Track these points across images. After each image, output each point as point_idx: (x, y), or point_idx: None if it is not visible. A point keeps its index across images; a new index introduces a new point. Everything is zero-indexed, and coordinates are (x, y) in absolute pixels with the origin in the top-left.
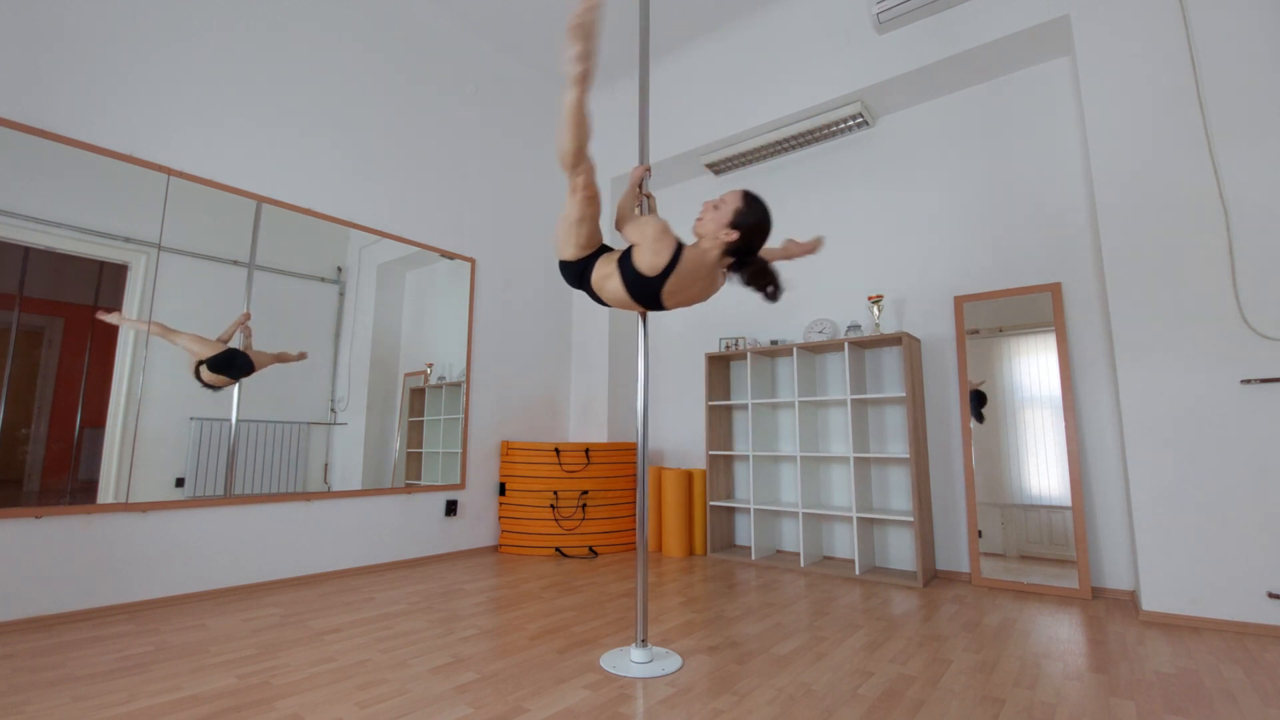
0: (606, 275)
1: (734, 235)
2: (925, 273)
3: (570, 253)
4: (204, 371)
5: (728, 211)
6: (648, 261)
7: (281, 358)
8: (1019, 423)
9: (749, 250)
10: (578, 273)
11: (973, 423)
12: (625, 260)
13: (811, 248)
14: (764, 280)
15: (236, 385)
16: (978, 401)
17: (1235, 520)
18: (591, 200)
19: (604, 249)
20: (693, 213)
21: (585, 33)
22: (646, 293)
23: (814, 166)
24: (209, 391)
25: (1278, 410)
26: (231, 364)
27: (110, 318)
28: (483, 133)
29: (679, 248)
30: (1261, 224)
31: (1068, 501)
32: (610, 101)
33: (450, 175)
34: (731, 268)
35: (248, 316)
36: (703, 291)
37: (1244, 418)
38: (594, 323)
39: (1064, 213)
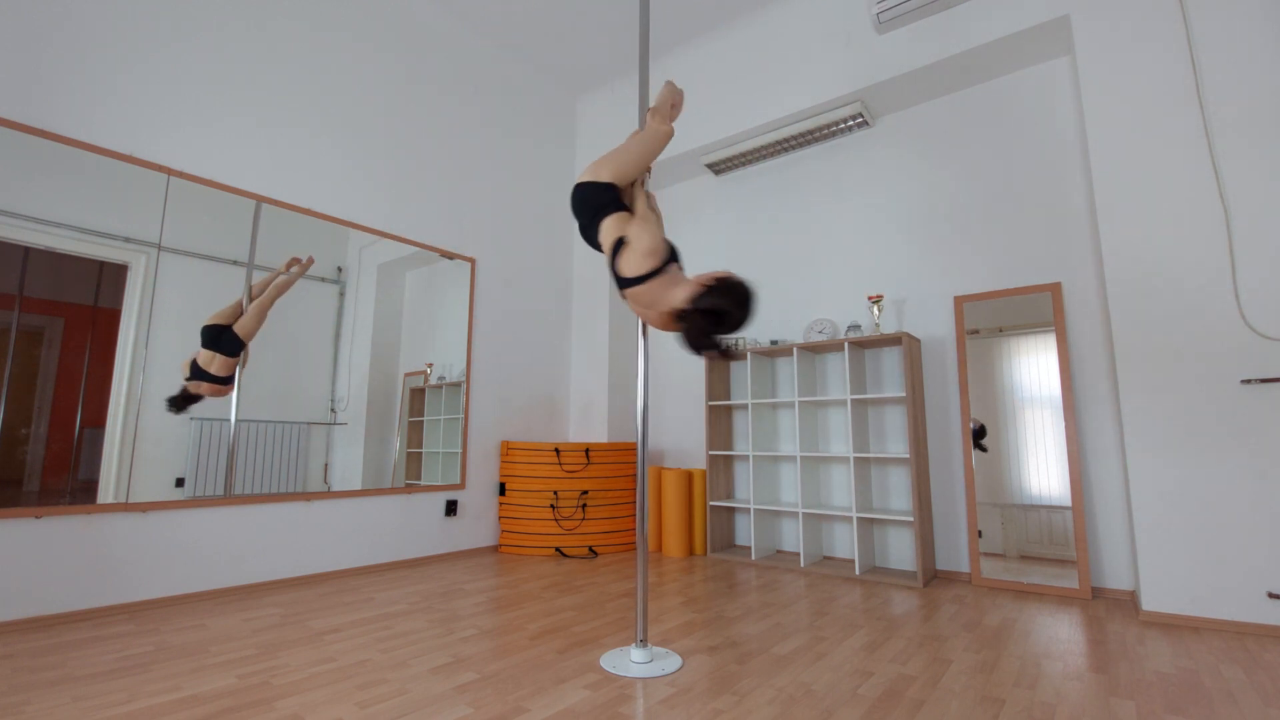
0: (606, 238)
1: (702, 290)
2: (925, 273)
3: (606, 177)
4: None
5: (692, 288)
6: (632, 266)
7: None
8: (1019, 423)
9: (709, 328)
10: (600, 203)
11: (975, 455)
12: (616, 248)
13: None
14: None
15: (236, 384)
16: (978, 435)
17: (1235, 520)
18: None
19: (623, 208)
20: (693, 212)
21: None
22: (617, 279)
23: (814, 166)
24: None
25: (1278, 410)
26: (218, 340)
27: None
28: (483, 133)
29: (657, 270)
30: (1261, 224)
31: (1068, 501)
32: (610, 101)
33: (450, 175)
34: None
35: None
36: (657, 322)
37: (1244, 418)
38: (594, 323)
39: (1064, 213)
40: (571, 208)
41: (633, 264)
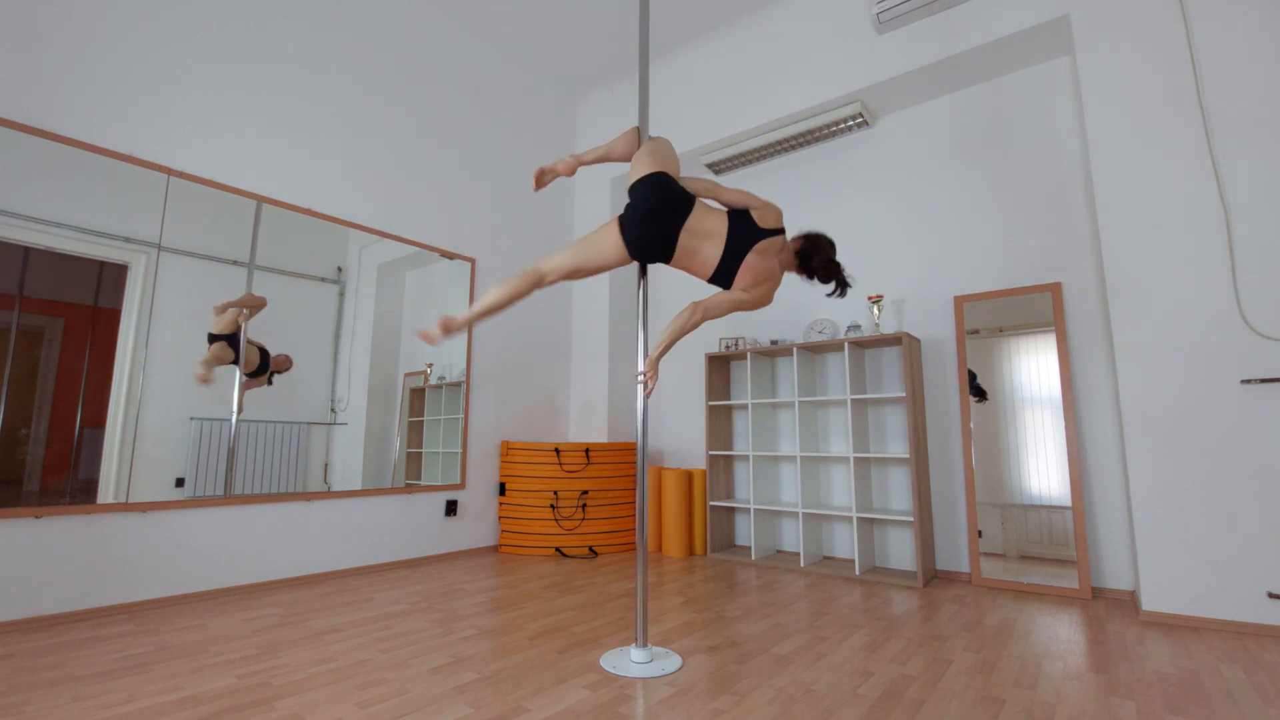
0: (709, 216)
1: (799, 245)
2: (925, 273)
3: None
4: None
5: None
6: (770, 218)
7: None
8: (1019, 423)
9: (807, 259)
10: (677, 196)
11: (974, 412)
12: (740, 214)
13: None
14: (830, 275)
15: (237, 382)
16: (972, 379)
17: (1235, 520)
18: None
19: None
20: None
21: None
22: (746, 241)
23: (814, 166)
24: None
25: (1278, 410)
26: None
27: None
28: (483, 132)
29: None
30: (1261, 224)
31: (1068, 501)
32: (610, 101)
33: (450, 175)
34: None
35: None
36: (766, 270)
37: (1244, 418)
38: (594, 323)
39: (1064, 213)
40: (644, 194)
41: (772, 218)
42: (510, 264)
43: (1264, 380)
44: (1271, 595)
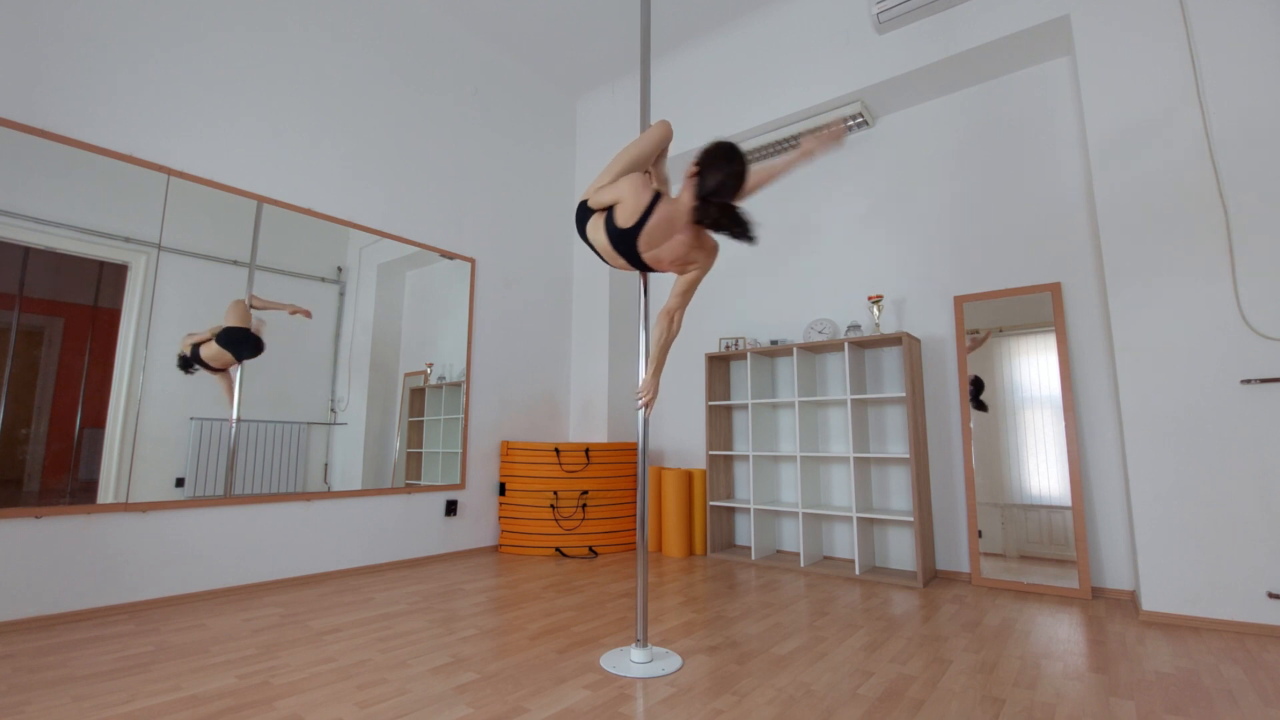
0: (597, 230)
1: (694, 169)
2: (925, 273)
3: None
4: (205, 349)
5: (692, 160)
6: (625, 213)
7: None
8: (1019, 423)
9: (715, 189)
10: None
11: (974, 413)
12: (609, 217)
13: (834, 135)
14: (730, 222)
15: (237, 382)
16: (976, 389)
17: (1235, 520)
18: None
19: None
20: None
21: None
22: (626, 247)
23: (814, 166)
24: (206, 375)
25: (1278, 410)
26: (244, 342)
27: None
28: (483, 133)
29: (655, 197)
30: (1262, 225)
31: (1068, 501)
32: (610, 101)
33: (450, 175)
34: (701, 216)
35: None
36: (683, 249)
37: (1244, 418)
38: (594, 323)
39: (1064, 213)
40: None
41: (632, 205)
42: (510, 264)
43: (1264, 380)
44: (1271, 595)
